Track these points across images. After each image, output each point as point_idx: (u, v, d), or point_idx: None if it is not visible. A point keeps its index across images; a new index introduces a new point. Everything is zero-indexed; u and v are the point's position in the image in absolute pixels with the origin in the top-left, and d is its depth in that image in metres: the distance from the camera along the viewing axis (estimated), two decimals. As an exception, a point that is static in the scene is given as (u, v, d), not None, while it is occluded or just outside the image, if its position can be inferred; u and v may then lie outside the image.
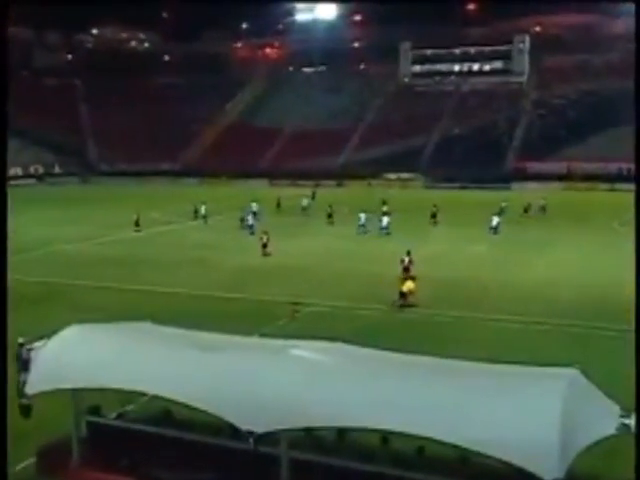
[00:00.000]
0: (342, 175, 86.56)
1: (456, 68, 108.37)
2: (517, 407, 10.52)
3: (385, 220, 45.68)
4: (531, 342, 21.76)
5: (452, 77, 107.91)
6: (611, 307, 25.70)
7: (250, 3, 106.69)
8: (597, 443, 10.54)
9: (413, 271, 29.64)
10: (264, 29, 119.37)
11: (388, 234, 44.50)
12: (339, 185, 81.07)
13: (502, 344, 21.28)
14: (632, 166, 77.05)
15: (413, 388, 11.16)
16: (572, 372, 11.73)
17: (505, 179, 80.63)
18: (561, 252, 38.15)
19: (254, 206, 53.24)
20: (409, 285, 26.42)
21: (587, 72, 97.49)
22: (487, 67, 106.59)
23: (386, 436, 12.24)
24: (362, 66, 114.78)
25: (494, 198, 57.82)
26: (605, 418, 10.89)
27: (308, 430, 12.18)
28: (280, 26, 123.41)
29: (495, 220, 44.61)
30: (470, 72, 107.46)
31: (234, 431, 11.19)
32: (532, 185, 77.57)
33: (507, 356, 16.55)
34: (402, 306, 26.16)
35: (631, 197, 57.05)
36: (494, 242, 41.48)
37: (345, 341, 13.11)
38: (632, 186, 72.20)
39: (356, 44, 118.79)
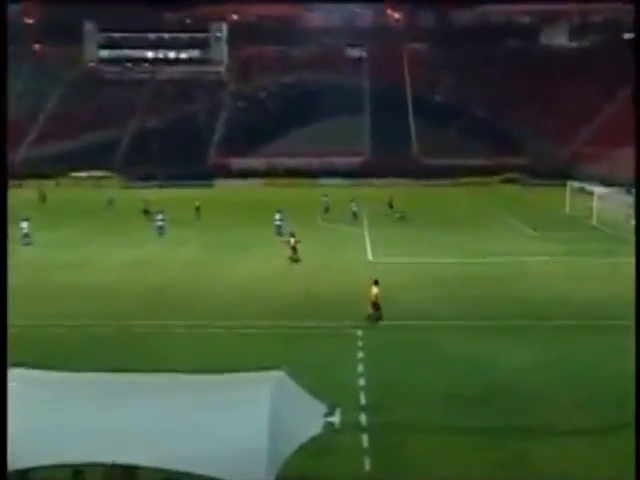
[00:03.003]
0: (21, 174, 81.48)
1: (150, 55, 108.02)
2: (225, 418, 10.86)
3: (160, 217, 45.48)
4: (240, 346, 22.53)
5: (146, 64, 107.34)
6: (324, 305, 27.53)
7: None
8: (306, 443, 11.33)
9: (300, 252, 35.07)
10: None
11: (161, 235, 44.64)
12: (19, 186, 76.32)
13: (210, 351, 21.74)
14: (335, 160, 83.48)
15: (109, 411, 10.95)
16: (278, 375, 12.45)
17: (207, 176, 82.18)
18: (262, 253, 39.77)
19: None
20: (375, 291, 25.10)
21: (287, 64, 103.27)
22: (184, 55, 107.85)
23: (79, 469, 11.82)
24: (37, 47, 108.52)
25: (197, 195, 58.84)
26: (311, 418, 11.74)
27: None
28: None
29: (278, 216, 45.14)
30: (166, 60, 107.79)
31: None
32: (236, 182, 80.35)
33: (217, 364, 17.01)
34: (378, 319, 24.91)
35: (334, 191, 61.95)
36: (201, 244, 42.09)
37: (29, 366, 12.47)
38: (334, 181, 78.60)
39: (29, 20, 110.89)
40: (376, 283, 25.35)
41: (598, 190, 52.91)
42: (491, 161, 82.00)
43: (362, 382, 19.26)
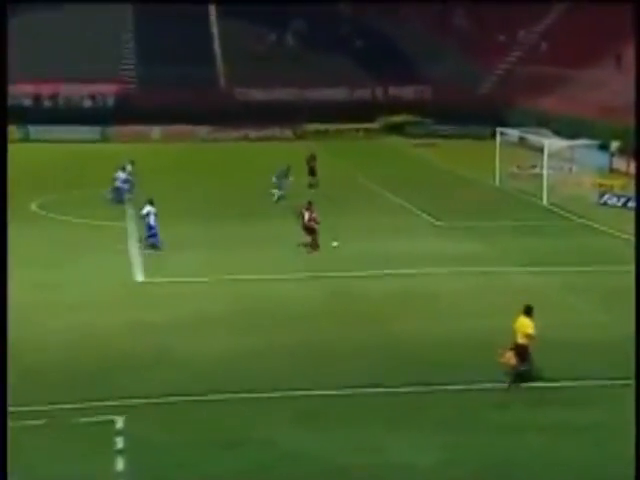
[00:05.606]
0: None
1: None
2: None
3: None
4: None
5: None
6: (46, 374, 26.75)
7: None
8: None
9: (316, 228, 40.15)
10: None
11: None
12: None
13: None
14: (68, 89, 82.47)
15: None
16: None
17: None
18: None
19: None
20: (525, 326, 25.02)
21: None
22: None
23: None
24: None
25: None
26: None
27: None
28: None
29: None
30: None
31: None
32: None
33: None
34: (519, 379, 24.77)
35: (69, 149, 61.33)
36: None
37: None
38: (67, 130, 77.24)
39: None
40: (528, 313, 25.48)
41: (551, 144, 54.03)
42: (361, 93, 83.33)
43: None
